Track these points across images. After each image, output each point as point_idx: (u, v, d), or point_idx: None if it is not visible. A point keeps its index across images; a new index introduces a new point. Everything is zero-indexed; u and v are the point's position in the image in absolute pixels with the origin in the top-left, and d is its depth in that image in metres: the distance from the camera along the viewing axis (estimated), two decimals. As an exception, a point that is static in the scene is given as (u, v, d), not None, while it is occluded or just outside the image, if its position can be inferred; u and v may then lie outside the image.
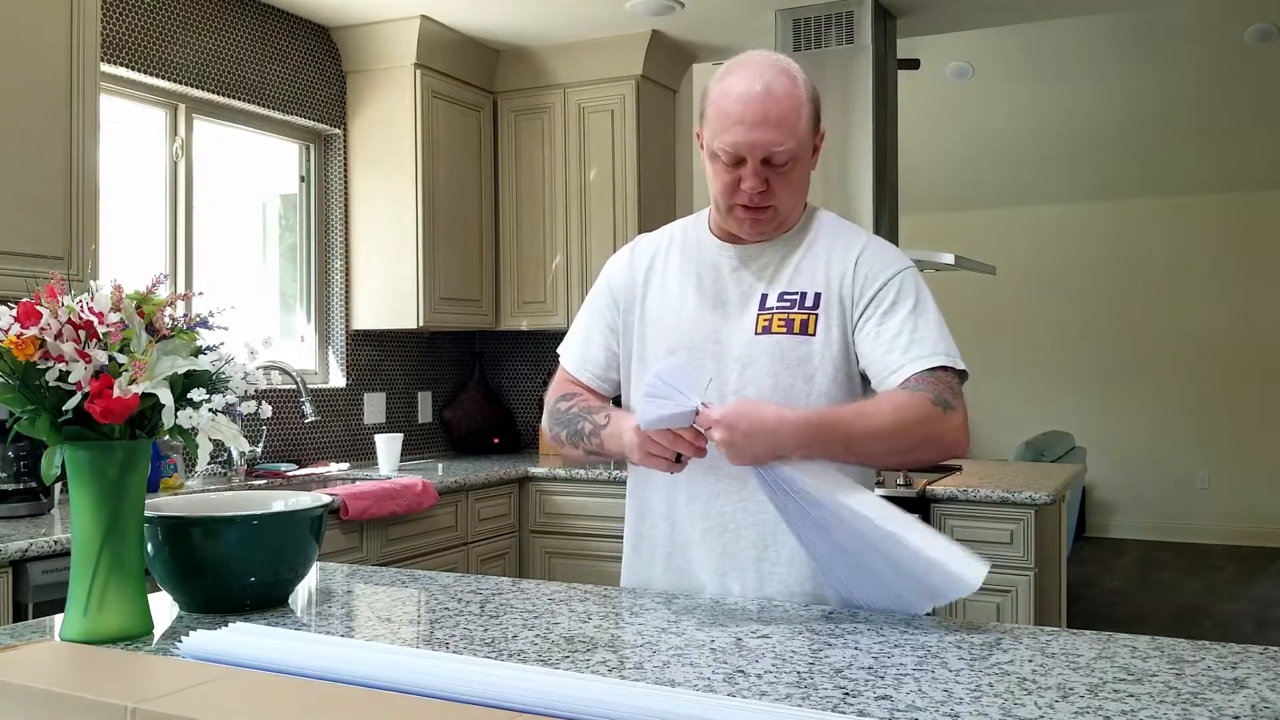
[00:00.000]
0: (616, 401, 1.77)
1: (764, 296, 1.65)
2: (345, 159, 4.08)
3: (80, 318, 1.27)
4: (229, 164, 3.78)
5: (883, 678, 1.18)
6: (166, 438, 1.33)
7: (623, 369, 1.76)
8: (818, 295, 1.63)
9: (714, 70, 1.66)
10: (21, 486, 2.56)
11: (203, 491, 3.15)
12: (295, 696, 0.98)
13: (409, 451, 4.20)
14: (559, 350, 1.85)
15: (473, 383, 4.58)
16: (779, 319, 1.63)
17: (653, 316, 1.72)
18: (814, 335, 1.62)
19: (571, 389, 1.77)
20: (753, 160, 1.55)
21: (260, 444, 3.61)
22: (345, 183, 4.08)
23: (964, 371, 1.59)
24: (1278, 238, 7.61)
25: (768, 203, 1.59)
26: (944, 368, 1.55)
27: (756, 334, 1.63)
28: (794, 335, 1.62)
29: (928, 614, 1.52)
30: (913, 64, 4.17)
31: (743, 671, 1.21)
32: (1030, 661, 1.24)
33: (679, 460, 1.46)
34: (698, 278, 1.69)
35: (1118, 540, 7.99)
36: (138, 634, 1.35)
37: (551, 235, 4.24)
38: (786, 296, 1.64)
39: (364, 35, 3.98)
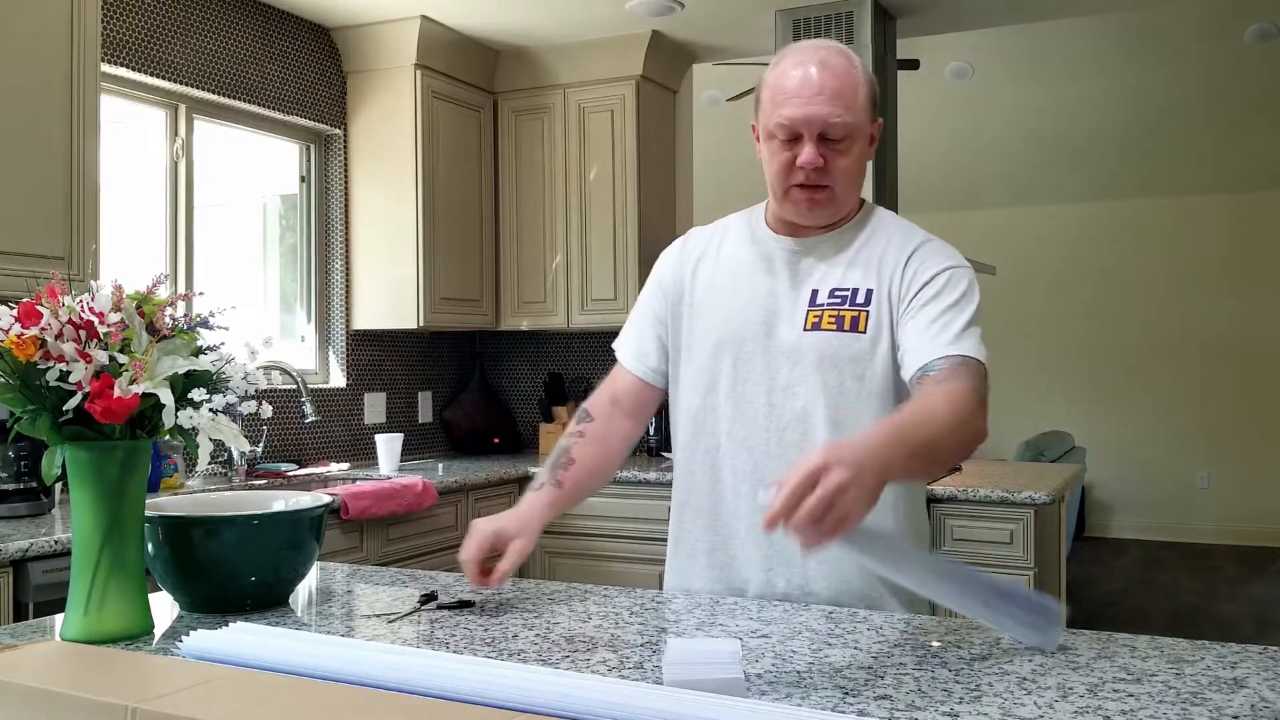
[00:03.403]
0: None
1: (815, 293, 1.62)
2: (345, 159, 4.09)
3: (81, 318, 1.27)
4: (229, 164, 3.78)
5: (883, 678, 1.18)
6: (167, 438, 1.34)
7: (671, 361, 1.74)
8: (869, 292, 1.60)
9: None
10: (22, 486, 2.56)
11: (203, 491, 3.15)
12: (295, 696, 0.98)
13: (409, 451, 4.20)
14: (614, 345, 1.82)
15: (473, 383, 4.58)
16: (829, 315, 1.60)
17: (701, 308, 1.69)
18: (864, 333, 1.58)
19: (598, 404, 1.77)
20: (809, 133, 1.53)
21: (260, 444, 3.61)
22: (345, 183, 4.09)
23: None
24: (1277, 238, 7.61)
25: (824, 181, 1.56)
26: (978, 361, 1.53)
27: (806, 330, 1.60)
28: (844, 333, 1.58)
29: (928, 615, 1.52)
30: (913, 64, 4.17)
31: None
32: (1030, 661, 1.24)
33: (485, 574, 1.54)
34: (750, 270, 1.67)
35: (1117, 540, 7.98)
36: (138, 634, 1.35)
37: (551, 235, 4.24)
38: (838, 293, 1.61)
39: (364, 35, 3.98)
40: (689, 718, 0.95)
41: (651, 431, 4.30)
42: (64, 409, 1.27)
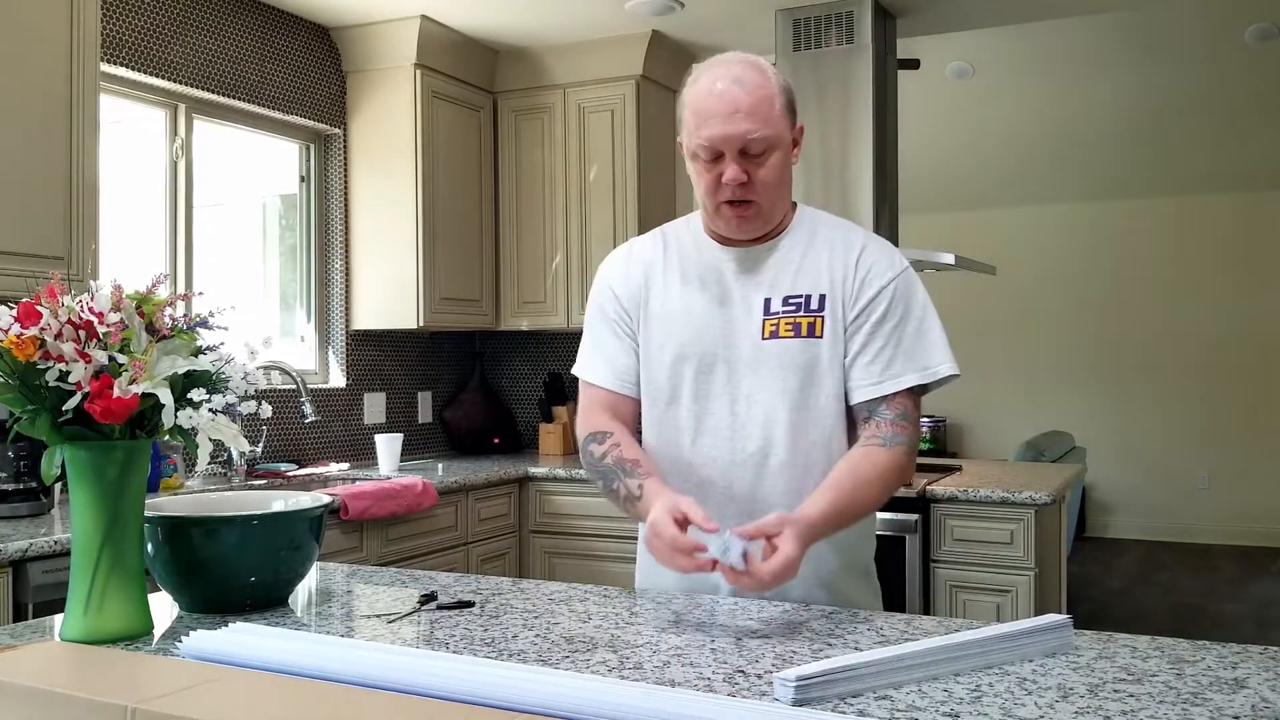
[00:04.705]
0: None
1: (768, 301, 1.66)
2: (345, 159, 4.08)
3: (80, 318, 1.27)
4: (229, 164, 3.78)
5: (883, 678, 1.17)
6: (166, 438, 1.33)
7: (643, 376, 1.74)
8: (822, 297, 1.65)
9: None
10: (21, 486, 2.56)
11: (203, 491, 3.15)
12: (295, 696, 0.98)
13: (409, 451, 4.20)
14: (578, 371, 1.79)
15: (473, 383, 4.58)
16: (786, 323, 1.64)
17: (658, 320, 1.71)
18: (821, 338, 1.64)
19: (602, 422, 1.72)
20: (730, 152, 1.57)
21: (260, 444, 3.61)
22: (345, 183, 4.08)
23: (953, 374, 1.64)
24: (1278, 238, 7.61)
25: (750, 196, 1.60)
26: (916, 386, 1.63)
27: (764, 339, 1.64)
28: (801, 339, 1.63)
29: (926, 615, 1.52)
30: (913, 64, 4.17)
31: (743, 671, 1.21)
32: (1030, 661, 1.24)
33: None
34: (700, 281, 1.69)
35: (1118, 540, 7.98)
36: (138, 634, 1.35)
37: (551, 235, 4.23)
38: (791, 300, 1.65)
39: (364, 35, 3.98)
40: (689, 718, 0.95)
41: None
42: (63, 409, 1.26)
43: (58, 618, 1.47)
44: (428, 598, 1.57)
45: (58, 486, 2.69)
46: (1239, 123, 6.80)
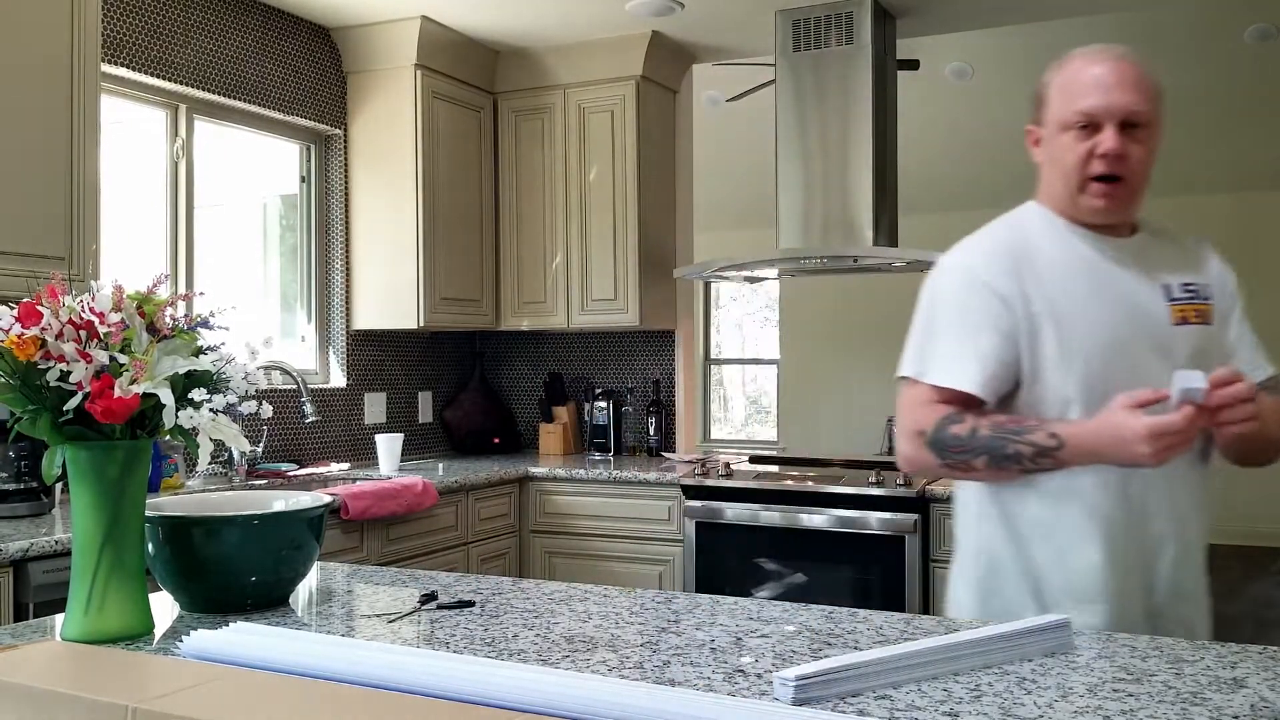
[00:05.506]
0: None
1: (1167, 287, 1.60)
2: (345, 159, 4.09)
3: (81, 318, 1.27)
4: (229, 164, 3.78)
5: (882, 677, 1.18)
6: (167, 438, 1.34)
7: (1026, 382, 1.58)
8: (1207, 286, 1.64)
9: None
10: (22, 486, 2.56)
11: (203, 491, 3.15)
12: (295, 696, 0.98)
13: (409, 451, 4.20)
14: (919, 372, 1.62)
15: (473, 383, 4.58)
16: (1192, 310, 1.60)
17: (1054, 318, 1.56)
18: (1212, 326, 1.63)
19: (941, 409, 1.58)
20: (1111, 122, 1.54)
21: (261, 444, 3.61)
22: (345, 183, 4.09)
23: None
24: (1277, 238, 7.61)
25: (1122, 171, 1.55)
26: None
27: (1174, 324, 1.59)
28: (1206, 326, 1.62)
29: (927, 615, 1.52)
30: (913, 64, 4.17)
31: (743, 671, 1.21)
32: (1029, 661, 1.24)
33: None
34: (1099, 270, 1.59)
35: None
36: (138, 634, 1.35)
37: (551, 235, 4.24)
38: (1189, 287, 1.61)
39: (364, 35, 3.98)
40: (689, 717, 0.95)
41: (651, 432, 4.30)
42: (64, 409, 1.27)
43: (58, 617, 1.47)
44: (428, 597, 1.57)
45: (58, 486, 2.69)
46: (1239, 123, 6.80)
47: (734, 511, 3.51)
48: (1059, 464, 1.49)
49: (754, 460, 4.05)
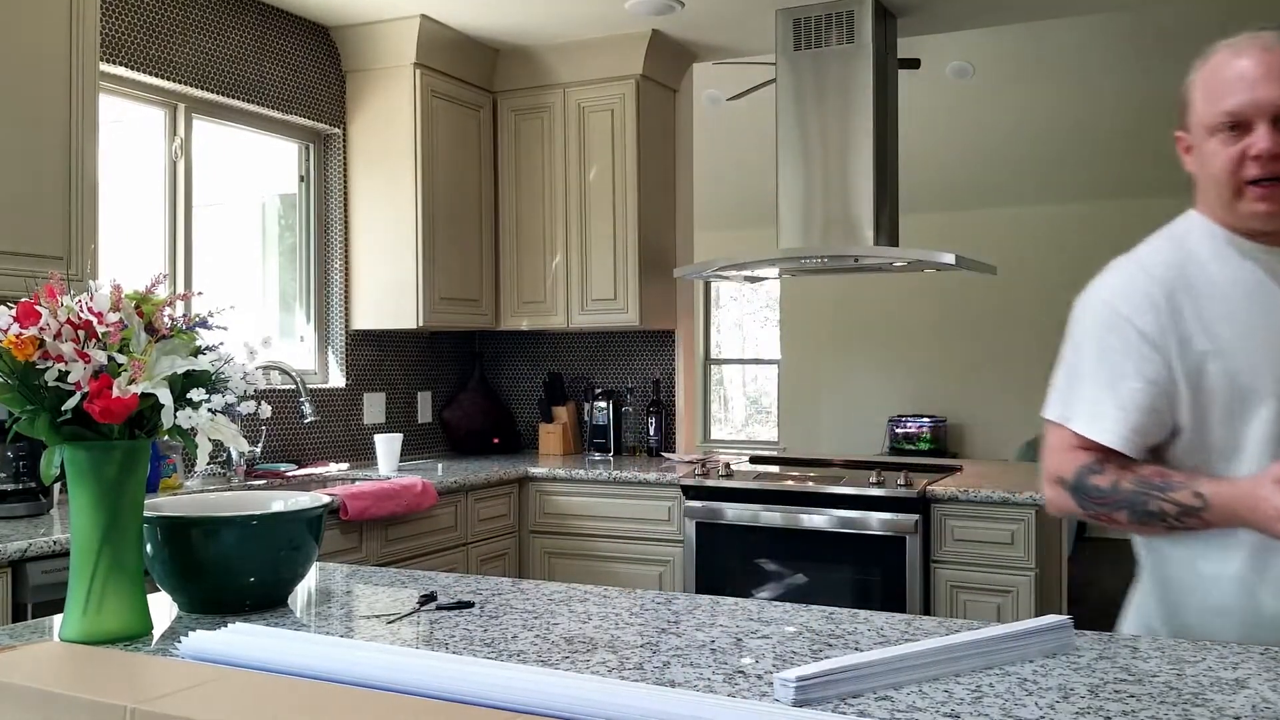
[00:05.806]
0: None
1: None
2: (345, 159, 4.08)
3: (79, 318, 1.27)
4: (229, 164, 3.77)
5: (883, 678, 1.17)
6: (166, 438, 1.33)
7: (1188, 429, 1.45)
8: None
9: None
10: (21, 486, 2.56)
11: (202, 492, 3.14)
12: (295, 696, 0.98)
13: (409, 451, 4.19)
14: (1063, 416, 1.52)
15: (472, 383, 4.57)
16: None
17: (1221, 357, 1.42)
18: None
19: (1082, 456, 1.48)
20: (1262, 120, 1.41)
21: (260, 444, 3.61)
22: (345, 182, 4.08)
23: None
24: (1278, 238, 7.61)
25: None
26: None
27: None
28: None
29: (928, 616, 1.52)
30: (913, 63, 4.17)
31: (743, 672, 1.21)
32: (1031, 662, 1.24)
33: None
34: (1256, 298, 1.44)
35: (1119, 541, 7.97)
36: (137, 634, 1.35)
37: (551, 235, 4.23)
38: None
39: (364, 35, 3.98)
40: (689, 718, 0.95)
41: (651, 432, 4.30)
42: (63, 409, 1.26)
43: (57, 618, 1.47)
44: (427, 598, 1.56)
45: (57, 487, 2.69)
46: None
47: (734, 512, 3.50)
48: (1204, 525, 1.38)
49: (754, 460, 4.05)
